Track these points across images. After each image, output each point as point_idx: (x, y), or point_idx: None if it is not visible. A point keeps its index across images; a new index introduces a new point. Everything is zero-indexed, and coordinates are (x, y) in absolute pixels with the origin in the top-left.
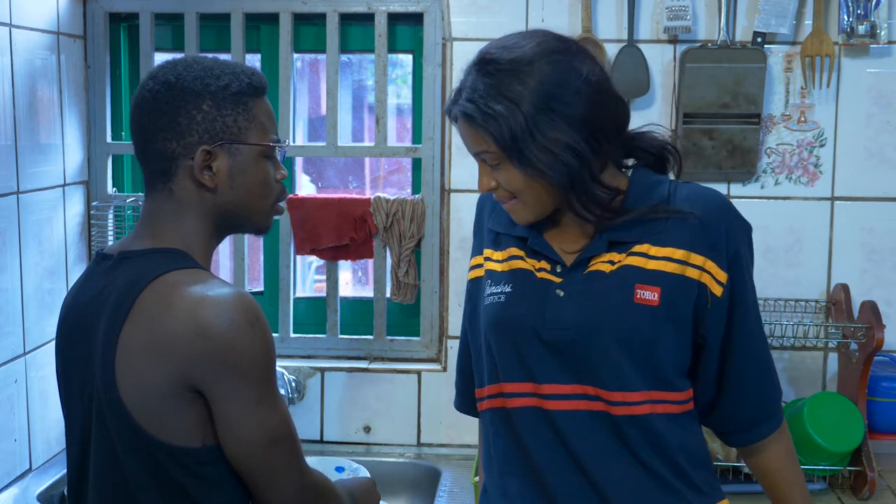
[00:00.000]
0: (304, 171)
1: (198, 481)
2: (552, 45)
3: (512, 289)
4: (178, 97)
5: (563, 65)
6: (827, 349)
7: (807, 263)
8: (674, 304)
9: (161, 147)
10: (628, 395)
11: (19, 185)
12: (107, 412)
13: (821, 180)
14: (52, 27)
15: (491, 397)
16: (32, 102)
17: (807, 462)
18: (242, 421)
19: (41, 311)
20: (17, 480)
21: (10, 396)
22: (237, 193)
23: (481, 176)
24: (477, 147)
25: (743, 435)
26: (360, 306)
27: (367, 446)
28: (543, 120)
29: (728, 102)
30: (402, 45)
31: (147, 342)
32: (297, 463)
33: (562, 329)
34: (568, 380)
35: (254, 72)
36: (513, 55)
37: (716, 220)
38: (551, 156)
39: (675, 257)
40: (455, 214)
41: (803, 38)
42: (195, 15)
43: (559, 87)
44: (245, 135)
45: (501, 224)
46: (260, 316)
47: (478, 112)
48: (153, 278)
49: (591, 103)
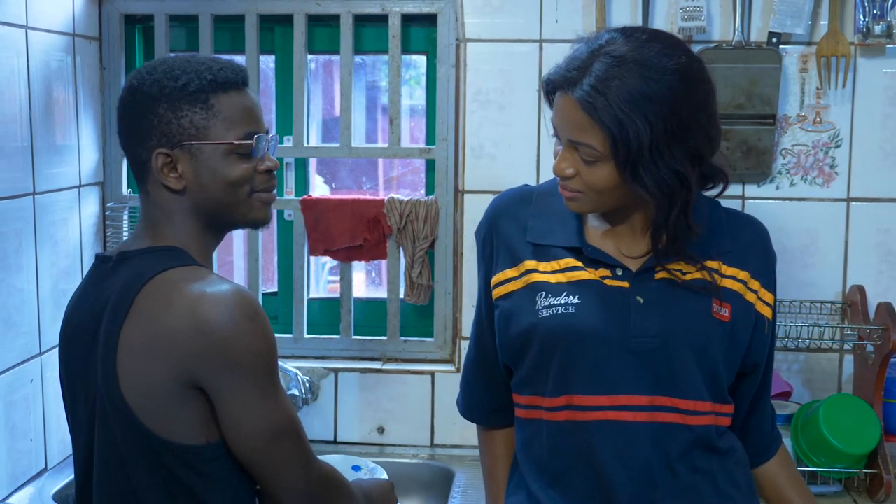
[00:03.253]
0: (317, 171)
1: (202, 479)
2: (694, 69)
3: (580, 300)
4: (138, 102)
5: (701, 95)
6: (842, 351)
7: (822, 265)
8: (738, 324)
9: (132, 152)
10: (699, 405)
11: (35, 185)
12: (110, 412)
13: (836, 181)
14: (68, 29)
15: (553, 409)
16: (48, 104)
17: (822, 464)
18: (245, 416)
19: (56, 312)
20: (32, 480)
21: (26, 396)
22: (209, 192)
23: (561, 160)
24: (580, 137)
25: (762, 456)
26: (373, 307)
27: (381, 447)
28: (667, 144)
29: (743, 103)
30: (415, 46)
31: (147, 340)
32: (303, 456)
33: (647, 337)
34: (646, 390)
35: (223, 66)
36: (656, 67)
37: (765, 246)
38: (660, 178)
39: (739, 277)
40: (469, 216)
41: (819, 39)
42: (210, 16)
43: (691, 119)
44: (205, 133)
45: (542, 235)
46: (259, 311)
47: (607, 110)
48: (152, 276)
49: (708, 138)
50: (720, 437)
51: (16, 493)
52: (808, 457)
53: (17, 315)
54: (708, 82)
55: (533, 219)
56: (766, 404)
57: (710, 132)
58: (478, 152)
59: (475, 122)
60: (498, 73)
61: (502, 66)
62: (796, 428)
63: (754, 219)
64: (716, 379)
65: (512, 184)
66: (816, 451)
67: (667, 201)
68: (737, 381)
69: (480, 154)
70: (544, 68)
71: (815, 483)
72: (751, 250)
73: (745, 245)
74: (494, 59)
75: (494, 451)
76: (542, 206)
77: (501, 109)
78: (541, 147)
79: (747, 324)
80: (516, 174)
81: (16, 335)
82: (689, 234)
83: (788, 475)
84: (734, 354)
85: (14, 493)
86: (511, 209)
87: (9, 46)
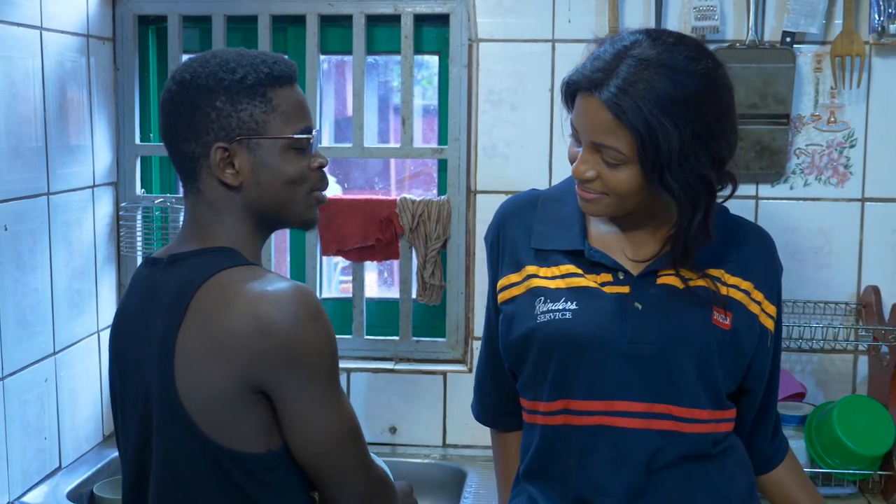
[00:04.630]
0: (330, 172)
1: (263, 488)
2: (720, 74)
3: (577, 305)
4: (193, 95)
5: (726, 101)
6: (857, 352)
7: (836, 265)
8: (741, 333)
9: (183, 148)
10: (696, 413)
11: (49, 186)
12: (167, 420)
13: (851, 181)
14: (82, 30)
15: (550, 413)
16: (62, 104)
17: (836, 466)
18: (311, 420)
19: (70, 311)
20: (47, 478)
21: (41, 395)
22: (265, 189)
23: (581, 163)
24: (605, 140)
25: (768, 464)
26: (385, 307)
27: (393, 447)
28: (693, 148)
29: (757, 103)
30: (428, 46)
31: (206, 344)
32: (365, 458)
33: (645, 344)
34: (642, 397)
35: (276, 60)
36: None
37: (770, 258)
38: (686, 183)
39: (742, 287)
40: (481, 216)
41: (833, 38)
42: (223, 17)
43: (716, 124)
44: (264, 128)
45: (544, 241)
46: (321, 309)
47: (635, 112)
48: (206, 278)
49: (729, 144)
50: (718, 442)
51: (30, 492)
52: (823, 458)
53: (31, 314)
54: (731, 88)
55: (537, 223)
56: (772, 415)
57: (730, 138)
58: (490, 152)
59: (487, 122)
60: (510, 73)
61: (515, 66)
62: (810, 429)
63: (761, 229)
64: (715, 386)
65: (524, 184)
66: (830, 453)
67: (691, 206)
68: (740, 392)
69: (493, 154)
70: (557, 68)
71: (830, 485)
72: (756, 261)
73: (751, 255)
74: (507, 59)
75: (507, 454)
76: (547, 211)
77: (514, 109)
78: (553, 147)
79: (751, 335)
80: (528, 174)
81: (30, 334)
82: (706, 240)
83: (796, 478)
84: (735, 363)
85: (28, 491)
86: (517, 214)
87: (23, 47)
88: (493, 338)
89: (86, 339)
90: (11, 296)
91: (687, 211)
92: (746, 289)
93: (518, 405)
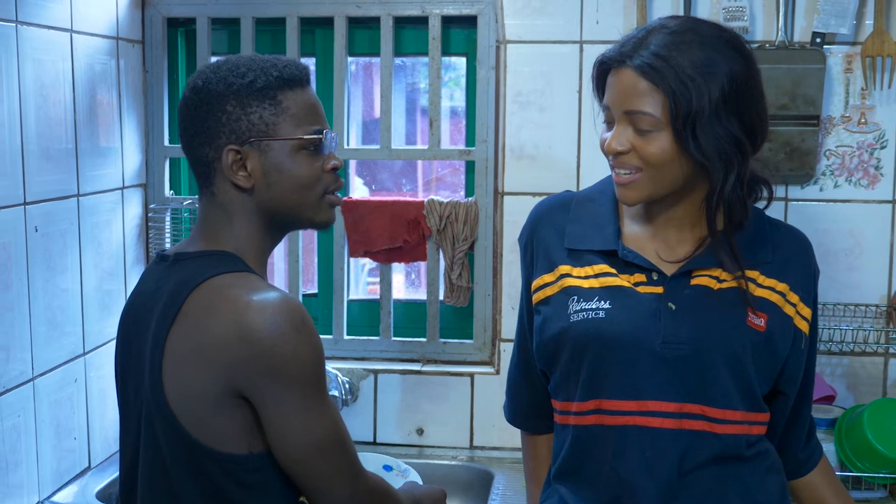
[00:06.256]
0: (357, 173)
1: (243, 489)
2: (746, 46)
3: (611, 305)
4: (205, 101)
5: (753, 70)
6: (888, 354)
7: (867, 267)
8: (775, 335)
9: (198, 152)
10: (728, 414)
11: (79, 187)
12: (154, 416)
13: (881, 183)
14: (112, 32)
15: (582, 414)
16: (92, 106)
17: (866, 469)
18: (288, 427)
19: (100, 312)
20: (76, 478)
21: (70, 395)
22: (277, 190)
23: (615, 136)
24: (639, 106)
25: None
26: (413, 309)
27: (420, 448)
28: (725, 110)
29: (786, 104)
30: (455, 47)
31: (193, 347)
32: (349, 468)
33: (678, 343)
34: (675, 397)
35: (287, 63)
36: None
37: (807, 260)
38: (718, 142)
39: (777, 289)
40: (508, 217)
41: (864, 39)
42: (251, 20)
43: (747, 87)
44: (274, 130)
45: (578, 240)
46: (306, 320)
47: (668, 72)
48: (200, 282)
49: (759, 116)
50: (751, 444)
51: (60, 491)
52: (853, 462)
53: (61, 315)
54: (756, 61)
55: (571, 224)
56: (806, 419)
57: (760, 110)
58: (518, 154)
59: (515, 124)
60: (538, 75)
61: (542, 68)
62: (840, 432)
63: (798, 231)
64: (749, 387)
65: (552, 185)
66: (861, 456)
67: (723, 167)
68: (774, 395)
69: (520, 156)
70: (585, 70)
71: (860, 488)
72: (792, 263)
73: (787, 257)
74: (535, 60)
75: (537, 456)
76: (581, 211)
77: (542, 111)
78: (581, 149)
79: (785, 337)
80: (556, 176)
81: (60, 335)
82: (744, 212)
83: (829, 484)
84: (769, 365)
85: (58, 491)
86: (550, 215)
87: (54, 50)
88: (526, 340)
89: (115, 339)
90: (42, 297)
91: (719, 172)
92: (782, 290)
93: (549, 408)
